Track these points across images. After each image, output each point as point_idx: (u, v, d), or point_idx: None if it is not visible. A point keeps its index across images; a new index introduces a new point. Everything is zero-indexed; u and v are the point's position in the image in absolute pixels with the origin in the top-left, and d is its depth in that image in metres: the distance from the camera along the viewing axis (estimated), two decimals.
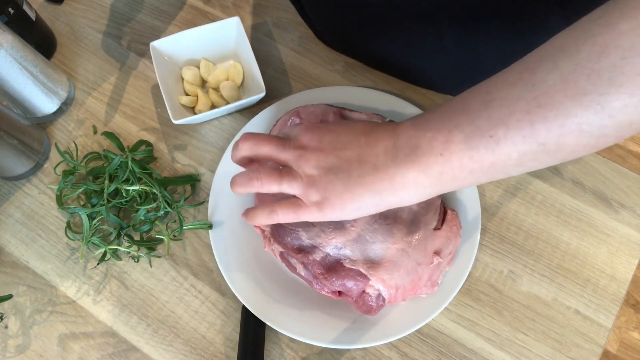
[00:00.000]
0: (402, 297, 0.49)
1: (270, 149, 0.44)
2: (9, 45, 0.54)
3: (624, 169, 0.58)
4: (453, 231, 0.52)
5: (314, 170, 0.41)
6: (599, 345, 0.51)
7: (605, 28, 0.31)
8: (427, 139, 0.38)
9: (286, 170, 0.43)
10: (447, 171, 0.37)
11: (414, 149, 0.38)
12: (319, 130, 0.43)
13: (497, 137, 0.35)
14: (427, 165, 0.38)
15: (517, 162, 0.35)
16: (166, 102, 0.58)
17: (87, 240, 0.55)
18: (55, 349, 0.54)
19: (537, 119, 0.33)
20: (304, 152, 0.42)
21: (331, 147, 0.42)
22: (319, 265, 0.48)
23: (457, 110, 0.37)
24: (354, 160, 0.41)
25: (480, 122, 0.35)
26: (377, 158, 0.40)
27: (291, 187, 0.42)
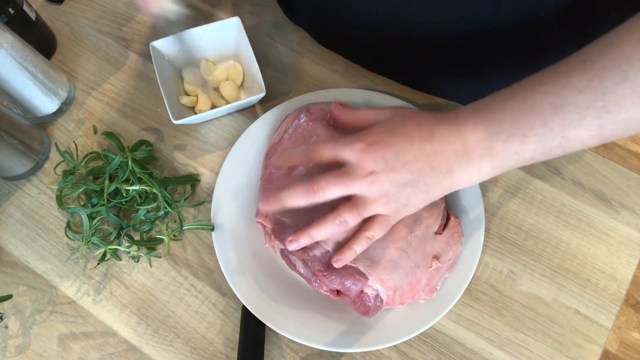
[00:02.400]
0: (400, 299, 0.49)
1: (337, 189, 0.44)
2: (9, 45, 0.54)
3: (624, 169, 0.58)
4: (454, 238, 0.52)
5: (390, 190, 0.43)
6: (599, 345, 0.51)
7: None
8: (501, 141, 0.40)
9: (361, 202, 0.44)
10: (518, 164, 0.42)
11: (488, 150, 0.41)
12: (377, 149, 0.43)
13: (568, 138, 0.39)
14: (502, 161, 0.42)
15: (578, 150, 0.40)
16: (166, 102, 0.58)
17: (87, 240, 0.55)
18: (55, 349, 0.54)
19: (606, 123, 0.37)
20: (376, 177, 0.43)
21: (399, 164, 0.42)
22: (318, 262, 0.48)
23: (527, 112, 0.39)
24: (427, 170, 0.42)
25: (553, 125, 0.38)
26: (449, 162, 0.42)
27: (372, 211, 0.44)
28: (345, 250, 0.46)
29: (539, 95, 0.39)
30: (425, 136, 0.43)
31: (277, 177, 0.54)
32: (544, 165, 0.58)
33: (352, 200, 0.44)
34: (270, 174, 0.55)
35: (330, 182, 0.44)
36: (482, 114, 0.42)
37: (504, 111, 0.41)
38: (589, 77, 0.37)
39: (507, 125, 0.40)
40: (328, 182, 0.44)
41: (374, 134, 0.44)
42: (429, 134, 0.43)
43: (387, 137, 0.44)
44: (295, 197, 0.44)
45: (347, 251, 0.46)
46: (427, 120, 0.44)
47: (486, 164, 0.42)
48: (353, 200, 0.44)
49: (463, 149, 0.42)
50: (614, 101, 0.36)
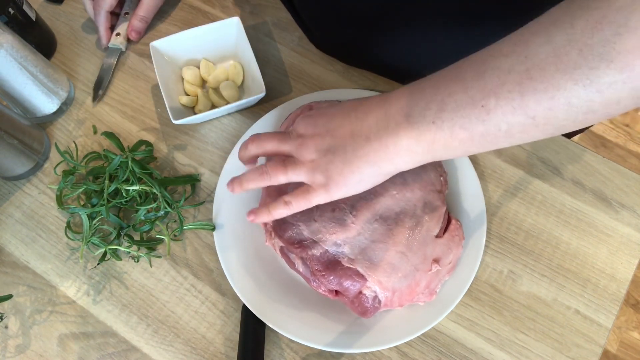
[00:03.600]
0: (399, 301, 0.49)
1: (273, 144, 0.46)
2: (9, 45, 0.54)
3: (624, 169, 0.58)
4: (455, 241, 0.51)
5: (314, 154, 0.43)
6: (599, 345, 0.51)
7: (602, 3, 0.31)
8: (420, 107, 0.38)
9: (290, 160, 0.45)
10: (439, 139, 0.38)
11: (406, 117, 0.39)
12: (312, 117, 0.45)
13: (488, 108, 0.35)
14: (419, 133, 0.38)
15: (507, 133, 0.36)
16: (166, 102, 0.58)
17: (87, 240, 0.54)
18: (55, 349, 0.54)
19: (527, 91, 0.33)
20: (303, 140, 0.44)
21: (325, 129, 0.43)
22: (317, 261, 0.49)
23: (451, 78, 0.37)
24: (347, 136, 0.42)
25: (473, 91, 0.36)
26: (369, 129, 0.41)
27: (297, 175, 0.44)
28: (260, 209, 0.47)
29: (465, 63, 0.37)
30: (354, 106, 0.43)
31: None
32: (544, 165, 0.58)
33: (283, 158, 0.46)
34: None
35: (269, 136, 0.47)
36: (411, 86, 0.40)
37: (429, 80, 0.39)
38: (514, 42, 0.35)
39: (428, 91, 0.38)
40: (267, 136, 0.47)
41: (315, 108, 0.48)
42: (359, 104, 0.43)
43: (325, 109, 0.45)
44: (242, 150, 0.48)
45: (262, 209, 0.47)
46: (363, 99, 0.44)
47: (404, 135, 0.39)
48: (283, 158, 0.45)
49: (384, 116, 0.40)
50: (536, 64, 0.33)
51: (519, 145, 0.59)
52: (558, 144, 0.59)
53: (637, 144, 1.57)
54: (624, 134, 1.58)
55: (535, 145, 0.59)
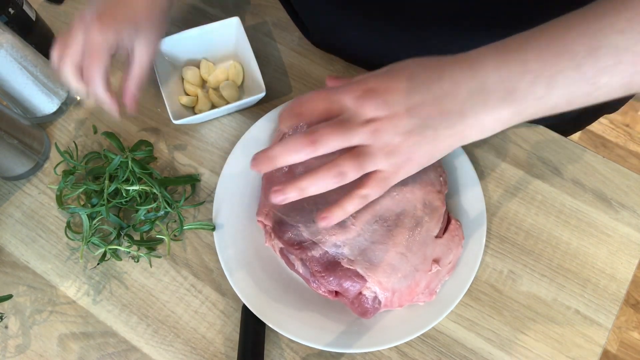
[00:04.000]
0: (399, 302, 0.49)
1: (337, 141, 0.38)
2: (9, 45, 0.54)
3: (624, 169, 0.58)
4: (454, 241, 0.51)
5: (395, 138, 0.38)
6: (599, 345, 0.51)
7: None
8: (526, 82, 0.36)
9: (362, 152, 0.39)
10: (539, 112, 0.37)
11: (510, 92, 0.36)
12: (377, 93, 0.38)
13: (599, 85, 0.35)
14: (524, 108, 0.37)
15: (600, 102, 0.36)
16: (166, 102, 0.58)
17: (87, 240, 0.54)
18: (55, 349, 0.54)
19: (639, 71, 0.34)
20: (377, 126, 0.38)
21: (403, 108, 0.37)
22: (317, 263, 0.48)
23: (559, 52, 0.35)
24: (436, 114, 0.37)
25: (585, 68, 0.34)
26: (462, 104, 0.37)
27: (374, 166, 0.39)
28: (334, 208, 0.41)
29: (571, 35, 0.35)
30: (433, 77, 0.37)
31: (278, 175, 0.54)
32: (544, 165, 0.58)
33: (353, 150, 0.39)
34: (271, 173, 0.55)
35: (329, 131, 0.38)
36: (503, 53, 0.36)
37: (530, 50, 0.36)
38: (628, 18, 0.33)
39: (533, 65, 0.35)
40: (327, 131, 0.38)
41: (371, 79, 0.39)
42: (438, 74, 0.37)
43: (388, 81, 0.38)
44: (290, 151, 0.39)
45: (337, 209, 0.41)
46: (433, 62, 0.38)
47: (505, 110, 0.37)
48: (354, 151, 0.39)
49: (480, 89, 0.36)
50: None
51: (519, 145, 0.59)
52: (558, 144, 0.59)
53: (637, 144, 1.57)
54: (624, 134, 1.58)
55: (535, 145, 0.59)
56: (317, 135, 0.38)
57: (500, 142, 0.60)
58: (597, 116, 0.71)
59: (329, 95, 0.39)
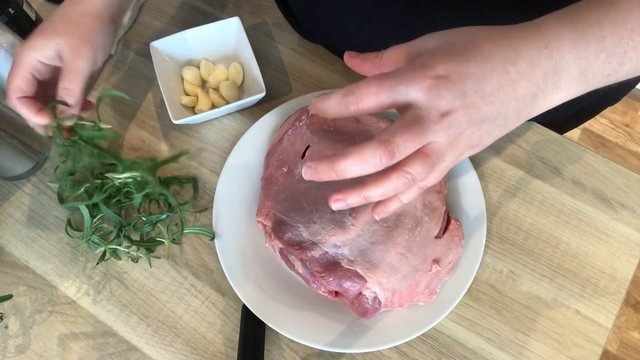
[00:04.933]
0: (399, 302, 0.49)
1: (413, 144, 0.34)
2: (9, 45, 0.54)
3: (624, 169, 0.58)
4: (454, 241, 0.51)
5: (467, 130, 0.35)
6: (599, 345, 0.51)
7: None
8: (600, 61, 0.34)
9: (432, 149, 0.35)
10: (603, 85, 0.36)
11: (583, 72, 0.35)
12: (452, 82, 0.34)
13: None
14: (591, 84, 0.36)
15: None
16: (166, 102, 0.58)
17: (87, 238, 0.54)
18: (55, 349, 0.54)
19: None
20: (453, 119, 0.34)
21: (479, 96, 0.34)
22: (316, 263, 0.48)
23: (632, 27, 0.34)
24: (511, 100, 0.35)
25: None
26: (536, 87, 0.35)
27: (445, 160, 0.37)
28: (389, 202, 0.38)
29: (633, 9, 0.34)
30: (508, 57, 0.34)
31: (277, 176, 0.54)
32: (544, 165, 0.58)
33: (422, 150, 0.35)
34: (271, 174, 0.55)
35: (406, 137, 0.33)
36: (580, 27, 0.34)
37: (605, 25, 0.34)
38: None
39: (610, 42, 0.34)
40: (403, 138, 0.33)
41: (439, 62, 0.34)
42: (514, 53, 0.34)
43: (460, 65, 0.34)
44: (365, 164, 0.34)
45: (393, 202, 0.38)
46: (505, 37, 0.35)
47: (575, 89, 0.36)
48: (424, 151, 0.35)
49: (555, 69, 0.34)
50: None
51: (519, 145, 0.59)
52: (558, 144, 0.59)
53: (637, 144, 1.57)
54: (624, 134, 1.58)
55: (535, 145, 0.59)
56: (394, 145, 0.33)
57: (500, 142, 0.60)
58: (598, 110, 0.71)
59: (393, 86, 0.34)
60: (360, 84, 0.34)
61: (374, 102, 0.34)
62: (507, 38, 0.35)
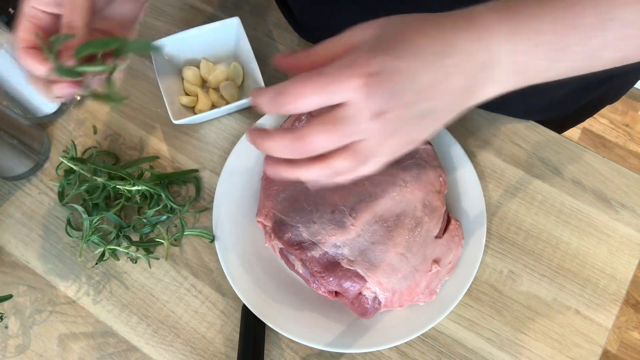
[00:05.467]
0: (399, 302, 0.49)
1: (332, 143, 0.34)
2: (9, 45, 0.54)
3: (624, 169, 0.58)
4: (454, 241, 0.51)
5: (402, 128, 0.34)
6: (599, 345, 0.51)
7: None
8: (536, 55, 0.34)
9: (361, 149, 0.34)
10: (540, 81, 0.36)
11: (518, 65, 0.34)
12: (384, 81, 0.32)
13: (600, 57, 0.35)
14: (527, 79, 0.36)
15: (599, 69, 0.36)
16: (166, 102, 0.58)
17: (87, 238, 0.54)
18: (55, 349, 0.54)
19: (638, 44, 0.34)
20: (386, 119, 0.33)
21: (414, 93, 0.33)
22: (316, 263, 0.49)
23: (571, 23, 0.33)
24: (445, 95, 0.34)
25: (593, 42, 0.34)
26: (472, 79, 0.34)
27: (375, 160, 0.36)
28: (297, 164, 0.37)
29: (583, 3, 0.33)
30: (442, 50, 0.33)
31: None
32: (544, 165, 0.58)
33: (351, 147, 0.34)
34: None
35: (323, 135, 0.33)
36: (516, 20, 0.33)
37: (544, 19, 0.33)
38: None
39: (547, 37, 0.33)
40: (319, 136, 0.33)
41: (371, 59, 0.32)
42: (448, 46, 0.33)
43: (392, 61, 0.32)
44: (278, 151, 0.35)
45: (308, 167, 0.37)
46: (438, 29, 0.34)
47: (511, 82, 0.35)
48: (353, 148, 0.34)
49: (490, 62, 0.34)
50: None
51: (519, 145, 0.59)
52: (558, 144, 0.59)
53: (637, 144, 1.57)
54: (624, 134, 1.58)
55: (535, 145, 0.59)
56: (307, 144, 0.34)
57: (500, 142, 0.60)
58: (597, 108, 0.71)
59: (325, 86, 0.33)
60: (289, 84, 0.33)
61: (306, 103, 0.33)
62: (441, 30, 0.34)
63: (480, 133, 0.60)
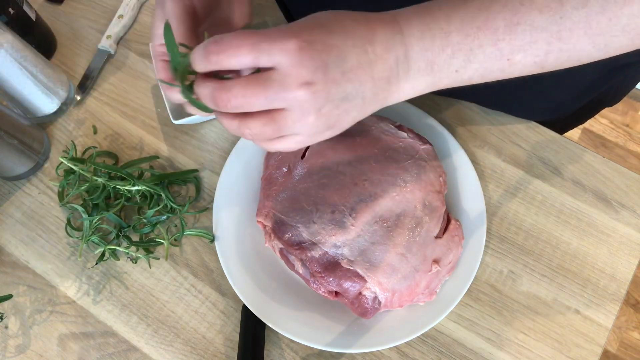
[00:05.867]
0: (399, 302, 0.49)
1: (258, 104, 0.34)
2: (9, 45, 0.54)
3: (624, 169, 0.58)
4: (454, 241, 0.51)
5: (325, 106, 0.35)
6: (599, 345, 0.51)
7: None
8: (446, 55, 0.36)
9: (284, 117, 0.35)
10: (456, 83, 0.38)
11: (429, 64, 0.36)
12: (316, 51, 0.33)
13: (513, 61, 0.36)
14: (439, 79, 0.37)
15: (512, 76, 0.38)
16: (166, 102, 0.58)
17: (87, 238, 0.54)
18: (55, 349, 0.54)
19: (553, 51, 0.35)
20: (312, 91, 0.34)
21: (340, 71, 0.34)
22: (316, 263, 0.48)
23: (480, 25, 0.35)
24: (368, 80, 0.35)
25: (502, 44, 0.35)
26: (390, 71, 0.36)
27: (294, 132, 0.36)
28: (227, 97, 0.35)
29: (495, 7, 0.35)
30: (367, 36, 0.35)
31: (277, 176, 0.54)
32: (544, 165, 0.58)
33: (271, 113, 0.35)
34: (270, 174, 0.55)
35: (247, 92, 0.33)
36: (429, 20, 0.35)
37: (454, 20, 0.35)
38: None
39: (455, 38, 0.35)
40: (243, 91, 0.33)
41: (305, 29, 0.34)
42: (371, 33, 0.35)
43: (325, 35, 0.34)
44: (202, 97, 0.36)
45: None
46: (365, 18, 0.36)
47: (422, 80, 0.37)
48: (273, 115, 0.35)
49: (405, 58, 0.36)
50: (568, 27, 0.34)
51: (519, 145, 0.59)
52: (558, 144, 0.59)
53: (637, 144, 1.57)
54: (624, 134, 1.58)
55: (535, 145, 0.59)
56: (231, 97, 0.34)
57: (500, 142, 0.60)
58: (597, 110, 0.71)
59: (258, 44, 0.33)
60: (226, 35, 0.33)
61: (238, 58, 0.33)
62: (367, 20, 0.36)
63: (481, 133, 0.60)
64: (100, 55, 0.66)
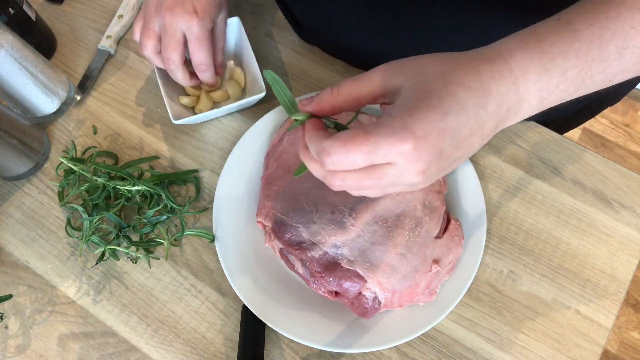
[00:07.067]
0: (399, 302, 0.49)
1: (379, 186, 0.36)
2: (9, 45, 0.54)
3: (624, 169, 0.58)
4: (454, 241, 0.51)
5: (434, 175, 0.36)
6: (599, 345, 0.51)
7: None
8: (559, 91, 0.36)
9: (393, 182, 0.36)
10: (556, 105, 0.37)
11: (541, 101, 0.36)
12: (431, 144, 0.33)
13: (614, 81, 0.37)
14: (547, 107, 0.37)
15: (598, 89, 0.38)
16: (166, 102, 0.58)
17: (87, 238, 0.54)
18: (55, 349, 0.54)
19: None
20: (428, 173, 0.35)
21: (454, 148, 0.34)
22: (316, 263, 0.49)
23: (594, 57, 0.35)
24: (478, 141, 0.35)
25: (610, 69, 0.35)
26: (501, 121, 0.36)
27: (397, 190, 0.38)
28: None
29: (607, 35, 0.34)
30: (481, 101, 0.34)
31: (277, 176, 0.54)
32: (544, 165, 0.58)
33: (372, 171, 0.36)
34: (270, 174, 0.55)
35: (362, 184, 0.36)
36: (545, 61, 0.34)
37: (570, 57, 0.34)
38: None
39: (571, 73, 0.35)
40: (358, 184, 0.36)
41: (418, 123, 0.33)
42: (484, 95, 0.34)
43: (439, 121, 0.33)
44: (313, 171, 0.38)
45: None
46: (476, 77, 0.34)
47: (530, 114, 0.37)
48: (374, 173, 0.35)
49: (518, 102, 0.35)
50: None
51: (519, 145, 0.59)
52: (558, 144, 0.59)
53: (637, 144, 1.57)
54: (624, 134, 1.58)
55: (535, 145, 0.59)
56: (339, 178, 0.36)
57: (500, 142, 0.60)
58: (599, 109, 0.71)
59: (375, 152, 0.33)
60: (336, 145, 0.34)
61: (351, 163, 0.34)
62: (479, 80, 0.34)
63: None
64: (100, 55, 0.66)
